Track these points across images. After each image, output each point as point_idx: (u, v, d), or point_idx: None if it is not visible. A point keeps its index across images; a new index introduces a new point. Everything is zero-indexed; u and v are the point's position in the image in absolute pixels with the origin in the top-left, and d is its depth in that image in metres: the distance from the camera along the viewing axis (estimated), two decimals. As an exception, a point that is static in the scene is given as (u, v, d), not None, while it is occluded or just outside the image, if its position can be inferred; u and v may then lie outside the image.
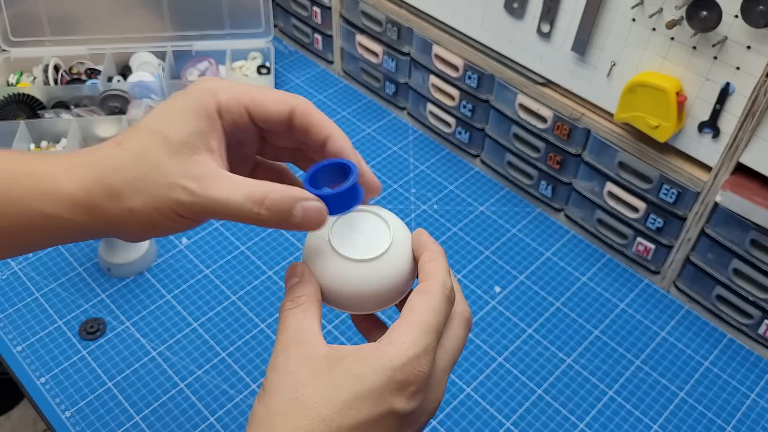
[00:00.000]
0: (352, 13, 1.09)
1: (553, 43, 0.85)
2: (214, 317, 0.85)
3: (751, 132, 0.72)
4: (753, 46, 0.68)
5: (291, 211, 0.42)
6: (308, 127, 0.47)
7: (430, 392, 0.43)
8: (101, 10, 1.11)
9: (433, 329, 0.42)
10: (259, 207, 0.42)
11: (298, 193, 0.43)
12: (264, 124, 0.47)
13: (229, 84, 0.46)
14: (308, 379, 0.40)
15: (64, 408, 0.76)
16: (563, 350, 0.84)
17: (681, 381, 0.82)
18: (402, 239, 0.47)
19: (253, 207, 0.42)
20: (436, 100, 1.04)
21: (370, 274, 0.45)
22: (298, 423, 0.39)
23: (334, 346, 0.42)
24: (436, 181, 1.04)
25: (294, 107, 0.46)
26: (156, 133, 0.43)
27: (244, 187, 0.42)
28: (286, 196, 0.42)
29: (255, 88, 0.47)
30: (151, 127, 0.44)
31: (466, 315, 0.47)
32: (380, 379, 0.40)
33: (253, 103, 0.46)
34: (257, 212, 0.42)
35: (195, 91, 0.45)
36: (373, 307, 0.47)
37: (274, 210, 0.42)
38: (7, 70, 1.12)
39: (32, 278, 0.88)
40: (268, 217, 0.42)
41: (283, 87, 1.18)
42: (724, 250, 0.81)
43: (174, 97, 0.45)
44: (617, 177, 0.86)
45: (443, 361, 0.44)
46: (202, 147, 0.43)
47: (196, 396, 0.78)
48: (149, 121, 0.44)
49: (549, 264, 0.94)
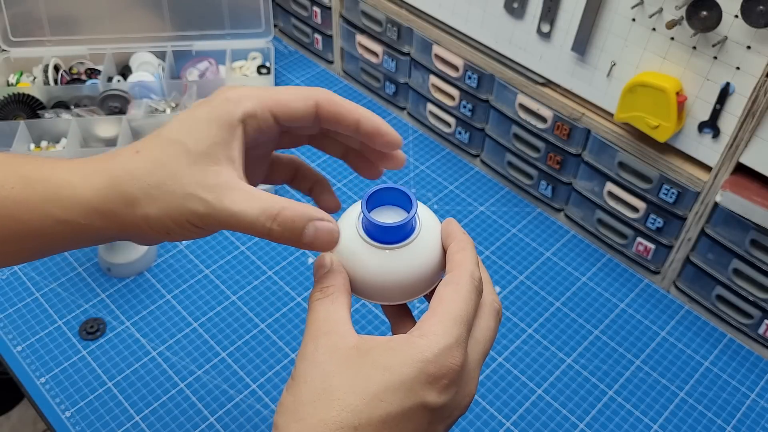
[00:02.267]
0: (352, 13, 1.09)
1: (553, 43, 0.85)
2: (214, 317, 0.85)
3: (751, 132, 0.72)
4: (753, 46, 0.68)
5: (303, 229, 0.42)
6: (337, 117, 0.47)
7: (462, 385, 0.42)
8: (101, 10, 1.11)
9: (463, 320, 0.42)
10: (271, 222, 0.42)
11: (312, 212, 0.43)
12: (290, 123, 0.47)
13: (252, 90, 0.46)
14: (337, 369, 0.40)
15: (64, 408, 0.76)
16: (563, 350, 0.84)
17: (681, 381, 0.82)
18: (430, 228, 0.47)
19: (266, 222, 0.42)
20: (436, 100, 1.04)
21: (398, 262, 0.45)
22: (327, 413, 0.38)
23: (363, 337, 0.42)
24: (436, 181, 1.04)
25: (318, 101, 0.46)
26: (176, 142, 0.43)
27: (260, 202, 0.42)
28: (300, 214, 0.42)
29: (277, 90, 0.47)
30: (172, 136, 0.44)
31: (495, 306, 0.46)
32: (411, 372, 0.39)
33: (278, 105, 0.46)
34: (269, 227, 0.42)
35: (217, 101, 0.45)
36: (402, 297, 0.47)
37: (286, 227, 0.42)
38: (7, 70, 1.12)
39: (32, 278, 0.88)
40: (279, 233, 0.42)
41: (283, 87, 1.18)
42: (724, 250, 0.81)
43: (196, 106, 0.45)
44: (617, 177, 0.86)
45: (475, 353, 0.44)
46: (222, 158, 0.43)
47: (196, 396, 0.78)
48: (170, 130, 0.44)
49: (549, 264, 0.94)
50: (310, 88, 0.47)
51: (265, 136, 0.47)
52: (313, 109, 0.47)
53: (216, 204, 0.42)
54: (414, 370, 0.39)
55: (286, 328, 0.85)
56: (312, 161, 1.06)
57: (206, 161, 0.43)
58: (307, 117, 0.47)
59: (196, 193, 0.42)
